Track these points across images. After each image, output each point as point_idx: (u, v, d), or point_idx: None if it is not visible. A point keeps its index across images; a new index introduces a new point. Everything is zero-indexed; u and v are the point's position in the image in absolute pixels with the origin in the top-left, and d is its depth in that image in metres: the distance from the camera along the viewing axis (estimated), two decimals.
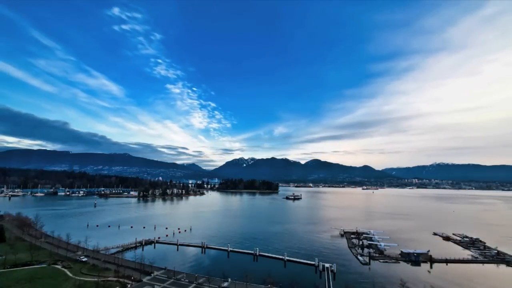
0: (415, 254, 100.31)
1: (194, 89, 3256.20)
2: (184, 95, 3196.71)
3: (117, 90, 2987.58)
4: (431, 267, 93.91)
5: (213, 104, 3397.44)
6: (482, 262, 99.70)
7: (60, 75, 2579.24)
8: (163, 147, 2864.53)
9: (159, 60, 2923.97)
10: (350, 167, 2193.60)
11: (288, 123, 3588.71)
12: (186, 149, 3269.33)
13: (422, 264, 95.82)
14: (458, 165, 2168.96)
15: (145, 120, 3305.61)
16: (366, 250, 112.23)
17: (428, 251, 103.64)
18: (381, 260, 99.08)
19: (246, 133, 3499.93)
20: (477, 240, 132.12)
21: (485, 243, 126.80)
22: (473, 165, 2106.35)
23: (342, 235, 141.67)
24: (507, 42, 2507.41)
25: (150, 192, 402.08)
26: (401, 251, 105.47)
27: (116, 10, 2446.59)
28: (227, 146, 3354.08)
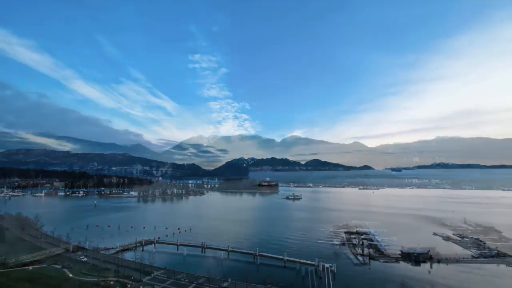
0: (415, 254, 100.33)
1: (234, 104, 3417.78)
2: (223, 110, 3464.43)
3: (171, 108, 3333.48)
4: (431, 267, 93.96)
5: (245, 116, 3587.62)
6: (482, 262, 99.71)
7: (130, 95, 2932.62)
8: (190, 145, 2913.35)
9: (213, 85, 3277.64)
10: (350, 167, 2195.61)
11: (302, 130, 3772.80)
12: (212, 147, 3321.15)
13: (422, 264, 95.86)
14: (458, 165, 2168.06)
15: (177, 127, 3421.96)
16: (366, 250, 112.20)
17: (428, 251, 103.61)
18: (381, 260, 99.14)
19: (262, 137, 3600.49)
20: (477, 240, 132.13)
21: (485, 243, 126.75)
22: (473, 164, 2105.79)
23: (342, 235, 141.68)
24: (486, 75, 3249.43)
25: (150, 192, 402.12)
26: (401, 251, 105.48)
27: (197, 56, 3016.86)
28: (243, 149, 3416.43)
